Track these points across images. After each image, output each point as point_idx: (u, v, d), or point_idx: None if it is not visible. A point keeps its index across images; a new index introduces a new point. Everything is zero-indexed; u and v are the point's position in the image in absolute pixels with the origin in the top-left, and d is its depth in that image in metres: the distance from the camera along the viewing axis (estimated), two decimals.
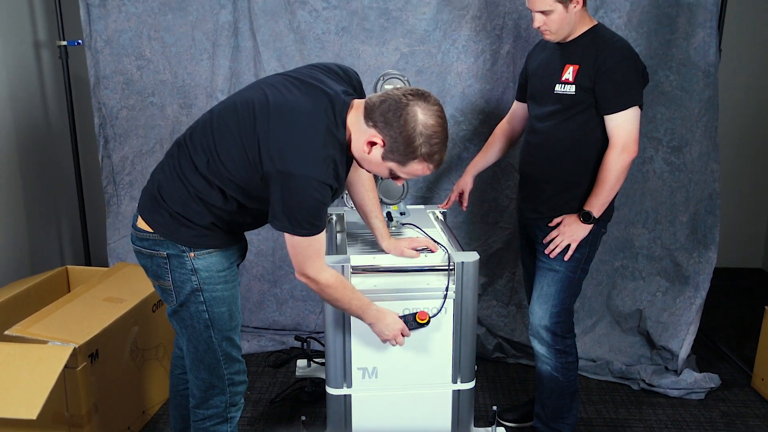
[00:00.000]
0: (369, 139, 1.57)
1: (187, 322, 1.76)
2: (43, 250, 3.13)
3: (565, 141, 2.11)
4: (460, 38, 2.77)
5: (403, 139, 1.53)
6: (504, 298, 3.04)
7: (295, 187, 1.52)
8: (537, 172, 2.20)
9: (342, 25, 2.77)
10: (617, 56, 2.01)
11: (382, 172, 1.63)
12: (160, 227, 1.69)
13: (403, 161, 1.57)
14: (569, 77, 2.06)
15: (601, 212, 2.10)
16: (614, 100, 2.01)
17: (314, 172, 1.52)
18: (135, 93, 2.86)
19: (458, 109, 2.84)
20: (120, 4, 2.75)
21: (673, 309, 2.89)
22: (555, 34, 2.05)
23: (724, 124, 3.12)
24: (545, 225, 2.17)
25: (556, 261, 2.15)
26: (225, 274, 1.75)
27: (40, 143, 3.11)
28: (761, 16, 3.48)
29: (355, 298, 1.74)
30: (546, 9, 2.00)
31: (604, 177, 2.04)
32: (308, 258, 1.62)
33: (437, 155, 1.57)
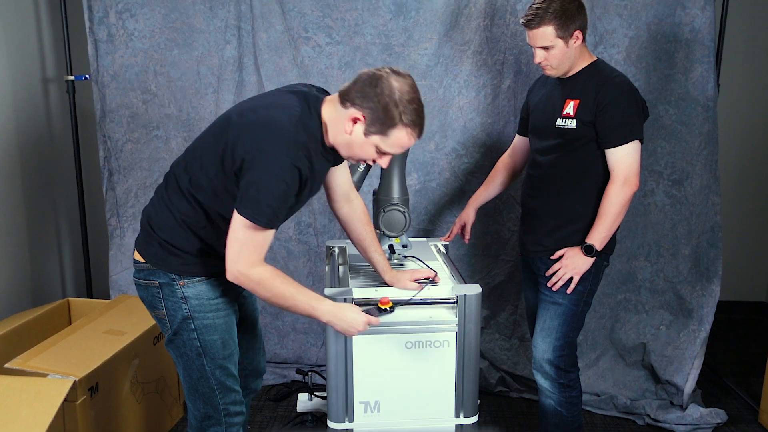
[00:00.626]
0: (350, 117, 1.59)
1: (180, 351, 1.78)
2: (45, 282, 3.13)
3: (566, 174, 2.12)
4: (462, 73, 2.81)
5: (383, 107, 1.56)
6: (507, 331, 3.03)
7: (266, 167, 1.54)
8: (539, 205, 2.21)
9: (345, 60, 2.82)
10: (617, 91, 2.04)
11: (367, 152, 1.64)
12: (151, 257, 1.74)
13: (385, 131, 1.59)
14: (570, 112, 2.08)
15: (604, 245, 2.10)
16: (615, 134, 2.03)
17: (286, 152, 1.54)
18: (140, 126, 2.89)
19: (460, 142, 2.87)
20: (127, 40, 2.80)
21: (677, 342, 2.87)
22: (556, 69, 2.08)
23: (724, 157, 3.14)
24: (547, 258, 2.17)
25: (559, 294, 2.14)
26: (216, 302, 1.76)
27: (45, 175, 3.14)
28: (758, 51, 3.53)
29: (300, 293, 1.64)
30: (547, 45, 2.03)
31: (606, 210, 2.05)
32: (247, 248, 1.58)
33: (418, 120, 1.60)
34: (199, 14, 2.78)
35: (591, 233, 2.08)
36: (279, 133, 1.57)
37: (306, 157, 1.58)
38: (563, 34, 2.02)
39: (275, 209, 1.56)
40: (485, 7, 2.73)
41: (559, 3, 2.01)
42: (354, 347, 1.84)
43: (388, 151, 1.63)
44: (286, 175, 1.55)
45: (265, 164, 1.55)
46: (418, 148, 2.84)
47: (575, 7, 2.03)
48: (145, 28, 2.79)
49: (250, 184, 1.56)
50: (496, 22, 2.75)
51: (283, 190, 1.55)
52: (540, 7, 2.02)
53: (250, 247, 1.59)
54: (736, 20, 3.32)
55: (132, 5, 2.76)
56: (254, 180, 1.55)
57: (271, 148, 1.55)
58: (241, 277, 1.61)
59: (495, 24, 2.75)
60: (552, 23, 2.00)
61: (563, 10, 2.01)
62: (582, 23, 2.06)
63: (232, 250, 1.60)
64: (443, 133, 2.86)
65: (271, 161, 1.55)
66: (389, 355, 1.87)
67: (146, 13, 2.77)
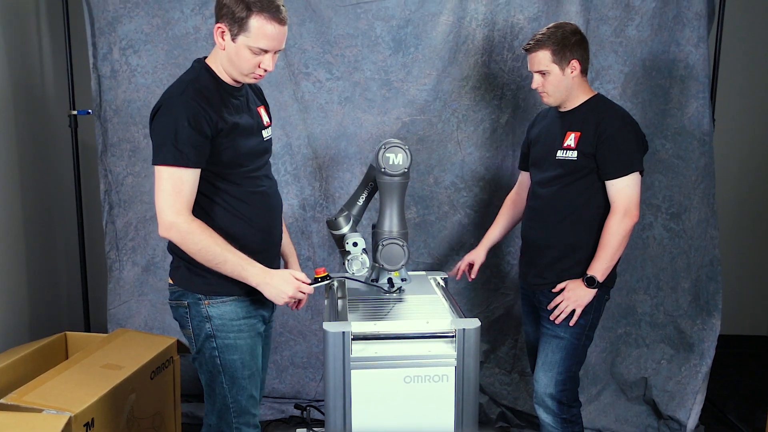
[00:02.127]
0: (216, 34, 1.72)
1: (203, 367, 1.87)
2: (42, 316, 3.11)
3: (566, 206, 2.15)
4: (460, 108, 2.84)
5: (230, 5, 1.67)
6: (507, 366, 3.00)
7: (163, 112, 1.70)
8: (539, 237, 2.23)
9: (345, 95, 2.85)
10: (618, 123, 2.09)
11: (246, 58, 1.72)
12: (179, 279, 1.84)
13: (244, 26, 1.67)
14: (571, 143, 2.12)
15: (605, 276, 2.11)
16: (615, 165, 2.07)
17: (176, 93, 1.71)
18: (141, 160, 2.91)
19: (458, 176, 2.88)
20: (130, 75, 2.84)
21: (678, 377, 2.85)
22: (552, 96, 2.15)
23: (721, 191, 3.16)
24: (549, 291, 2.17)
25: (561, 327, 2.14)
26: (239, 323, 1.83)
27: (45, 208, 3.15)
28: (753, 86, 3.58)
29: (229, 252, 1.70)
30: (543, 69, 2.11)
31: (607, 241, 2.07)
32: (168, 195, 1.66)
33: (270, 4, 1.67)
34: (201, 50, 2.82)
35: (592, 265, 2.10)
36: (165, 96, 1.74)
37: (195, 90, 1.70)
38: (559, 61, 2.10)
39: (174, 143, 1.65)
40: (483, 44, 2.78)
41: (561, 32, 2.11)
42: (353, 381, 1.83)
43: (259, 46, 1.70)
44: (181, 110, 1.67)
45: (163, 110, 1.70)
46: (416, 181, 2.86)
47: (576, 40, 2.12)
48: (147, 64, 2.83)
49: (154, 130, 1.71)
50: (494, 58, 2.79)
51: (180, 124, 1.65)
52: (543, 33, 2.13)
53: (171, 193, 1.67)
54: (730, 56, 3.37)
55: (135, 42, 2.81)
56: (156, 125, 1.71)
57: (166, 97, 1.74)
58: (171, 227, 1.67)
59: (493, 60, 2.80)
60: (549, 48, 2.09)
61: (563, 38, 2.10)
62: (581, 55, 2.13)
63: (158, 202, 1.68)
64: (442, 167, 2.88)
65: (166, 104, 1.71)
66: (388, 389, 1.85)
67: (149, 49, 2.81)
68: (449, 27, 2.78)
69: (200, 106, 1.69)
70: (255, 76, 1.78)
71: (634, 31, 2.74)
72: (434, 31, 2.78)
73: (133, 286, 2.97)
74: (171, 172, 1.67)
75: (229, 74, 1.79)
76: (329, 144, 2.88)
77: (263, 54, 1.73)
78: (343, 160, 2.89)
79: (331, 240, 2.91)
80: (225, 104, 1.77)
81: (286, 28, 1.74)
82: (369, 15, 2.77)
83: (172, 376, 2.60)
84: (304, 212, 2.90)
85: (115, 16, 2.78)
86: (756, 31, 3.51)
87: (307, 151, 2.88)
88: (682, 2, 2.72)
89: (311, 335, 3.00)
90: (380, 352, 1.85)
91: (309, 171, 2.90)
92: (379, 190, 2.17)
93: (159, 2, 2.77)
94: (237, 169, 1.79)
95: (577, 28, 2.18)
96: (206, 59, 1.83)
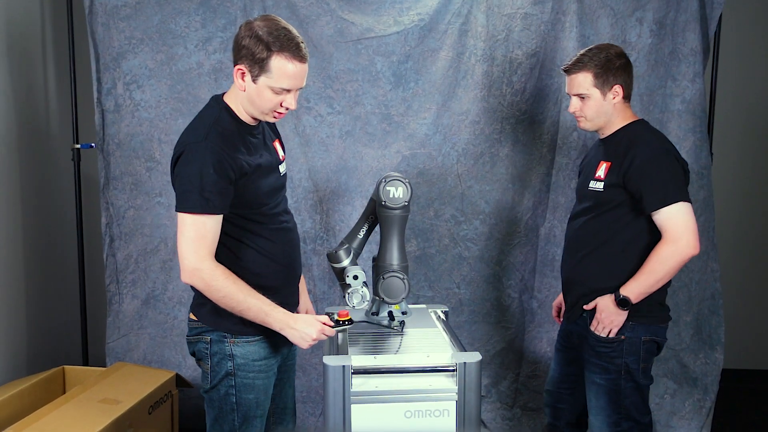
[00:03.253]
0: (236, 75, 1.69)
1: (215, 404, 1.83)
2: (41, 349, 3.09)
3: (591, 240, 2.05)
4: (460, 142, 2.87)
5: (250, 46, 1.65)
6: (509, 400, 2.97)
7: (188, 158, 1.66)
8: (567, 271, 2.15)
9: (346, 129, 2.88)
10: (647, 153, 1.94)
11: (267, 98, 1.70)
12: (204, 317, 1.81)
13: (265, 67, 1.65)
14: (601, 174, 2.02)
15: (639, 299, 1.95)
16: (653, 196, 1.92)
17: (199, 137, 1.67)
18: (143, 193, 2.93)
19: (459, 209, 2.90)
20: (134, 110, 2.87)
21: (682, 412, 2.81)
22: (590, 121, 2.03)
23: (721, 224, 3.17)
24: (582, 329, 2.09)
25: (596, 374, 2.05)
26: (261, 364, 1.82)
27: (46, 240, 3.15)
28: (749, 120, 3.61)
29: (252, 297, 1.69)
30: (583, 93, 1.99)
31: (651, 266, 1.91)
32: (192, 242, 1.64)
33: (288, 43, 1.65)
34: (204, 85, 2.86)
35: (628, 283, 1.95)
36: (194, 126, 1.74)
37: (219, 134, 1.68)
38: (601, 85, 1.98)
39: (199, 190, 1.63)
40: (482, 79, 2.82)
41: (604, 54, 1.99)
42: (353, 416, 1.81)
43: (281, 85, 1.69)
44: (206, 156, 1.64)
45: (185, 155, 1.67)
46: (417, 214, 2.87)
47: (620, 63, 2.00)
48: (151, 99, 2.87)
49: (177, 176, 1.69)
50: (493, 93, 2.83)
51: (204, 172, 1.63)
52: (585, 54, 2.01)
53: (194, 240, 1.65)
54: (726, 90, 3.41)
55: (139, 77, 2.85)
56: (179, 171, 1.68)
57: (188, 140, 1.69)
58: (194, 274, 1.66)
59: (492, 95, 2.83)
60: (591, 71, 1.98)
61: (607, 60, 1.98)
62: (624, 80, 2.00)
63: (181, 248, 1.66)
64: (442, 201, 2.90)
65: (189, 149, 1.67)
66: (388, 424, 1.83)
67: (153, 84, 2.86)
68: (449, 62, 2.82)
69: (224, 151, 1.67)
70: (276, 115, 1.78)
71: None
72: (434, 66, 2.83)
73: (133, 319, 2.96)
74: (195, 219, 1.65)
75: (249, 113, 1.78)
76: (330, 177, 2.90)
77: (285, 93, 1.72)
78: (344, 193, 2.91)
79: (331, 273, 2.91)
80: (246, 145, 1.75)
81: (306, 66, 1.73)
82: (369, 50, 2.82)
83: (170, 410, 2.58)
84: (305, 245, 2.91)
85: (120, 52, 2.83)
86: (751, 67, 3.57)
87: (308, 184, 2.90)
88: (678, 38, 2.76)
89: (311, 369, 2.98)
90: (381, 386, 1.84)
91: (310, 204, 2.91)
92: (379, 223, 2.18)
93: (163, 38, 2.82)
94: (260, 208, 1.78)
95: (623, 51, 2.04)
96: (224, 96, 1.80)
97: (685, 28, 2.75)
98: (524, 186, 2.89)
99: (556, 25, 2.78)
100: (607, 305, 1.99)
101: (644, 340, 2.02)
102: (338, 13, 2.80)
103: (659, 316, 2.05)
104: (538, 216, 2.90)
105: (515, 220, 2.91)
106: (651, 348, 2.05)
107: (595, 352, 2.06)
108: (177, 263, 2.88)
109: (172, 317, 2.94)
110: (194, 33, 2.82)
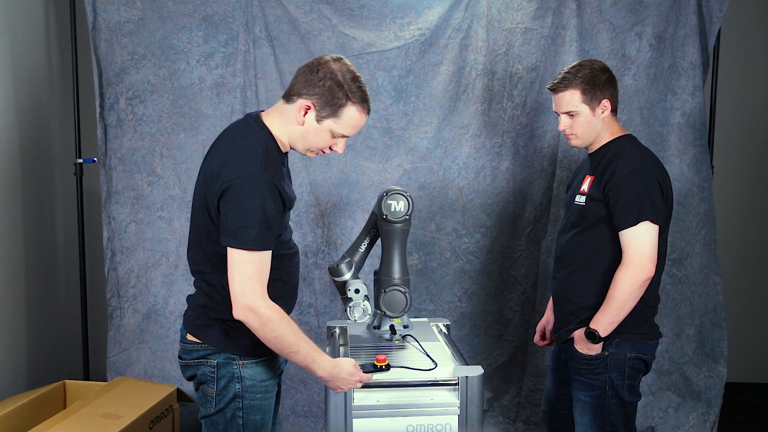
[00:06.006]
0: (300, 108, 1.65)
1: (220, 427, 1.76)
2: (41, 364, 3.09)
3: (578, 256, 2.03)
4: (461, 155, 2.88)
5: (329, 89, 1.63)
6: (511, 414, 2.95)
7: (246, 192, 1.57)
8: (555, 288, 2.13)
9: (347, 143, 2.88)
10: (628, 168, 1.93)
11: (323, 139, 1.69)
12: (210, 339, 1.73)
13: (336, 113, 1.65)
14: (585, 188, 2.01)
15: (608, 332, 1.94)
16: (623, 213, 1.91)
17: (255, 169, 1.58)
18: (144, 207, 2.94)
19: (460, 222, 2.90)
20: (136, 125, 2.89)
21: (686, 426, 2.80)
22: (580, 138, 2.02)
23: (723, 237, 3.16)
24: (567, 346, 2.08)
25: (580, 391, 2.04)
26: (267, 384, 1.77)
27: (47, 254, 3.16)
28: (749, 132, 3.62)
29: (303, 341, 1.64)
30: (572, 110, 1.98)
31: (612, 294, 1.92)
32: (249, 278, 1.58)
33: (364, 96, 1.68)
34: (206, 100, 2.88)
35: (596, 317, 1.95)
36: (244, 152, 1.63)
37: (271, 167, 1.62)
38: (589, 101, 1.97)
39: (258, 227, 1.57)
40: (483, 93, 2.83)
41: (588, 70, 1.98)
42: (354, 430, 1.80)
43: (343, 132, 1.70)
44: (264, 190, 1.58)
45: (240, 185, 1.58)
46: (418, 228, 2.88)
47: (606, 78, 1.99)
48: (153, 113, 2.88)
49: (232, 209, 1.58)
50: (494, 107, 2.84)
51: (263, 207, 1.57)
52: (569, 71, 2.00)
53: (252, 277, 1.58)
54: (726, 104, 3.42)
55: (142, 92, 2.87)
56: (234, 204, 1.58)
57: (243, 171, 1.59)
58: (249, 312, 1.59)
59: (492, 108, 2.85)
60: (579, 87, 1.97)
61: (592, 76, 1.97)
62: (611, 94, 2.00)
63: (235, 285, 1.59)
64: (443, 214, 2.90)
65: (245, 181, 1.58)
66: None
67: (155, 99, 2.87)
68: (449, 77, 2.84)
69: (278, 186, 1.62)
70: (318, 153, 1.76)
71: (631, 80, 2.80)
72: (435, 80, 2.84)
73: (134, 333, 2.96)
74: (254, 256, 1.58)
75: (292, 145, 1.73)
76: (331, 191, 2.91)
77: (340, 139, 1.73)
78: (345, 207, 2.92)
79: (333, 287, 2.91)
80: (283, 176, 1.70)
81: None
82: (371, 65, 2.84)
83: (171, 425, 2.56)
84: (306, 259, 2.91)
85: (123, 68, 2.84)
86: (750, 79, 3.58)
87: (310, 198, 2.90)
88: (677, 53, 2.78)
89: (313, 383, 2.97)
90: (382, 400, 1.83)
91: (311, 218, 2.91)
92: (381, 237, 2.18)
93: (165, 54, 2.84)
94: (280, 236, 1.73)
95: (606, 65, 2.04)
96: (264, 118, 1.72)
97: (684, 42, 2.77)
98: (525, 199, 2.90)
99: (556, 40, 2.80)
100: (580, 337, 2.00)
101: (629, 357, 1.99)
102: (339, 28, 2.82)
103: (646, 333, 2.03)
104: (539, 229, 2.90)
105: (517, 234, 2.91)
106: (637, 365, 2.02)
107: (578, 368, 2.04)
108: (178, 277, 2.91)
109: (173, 332, 2.94)
110: (196, 48, 2.84)
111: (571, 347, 2.05)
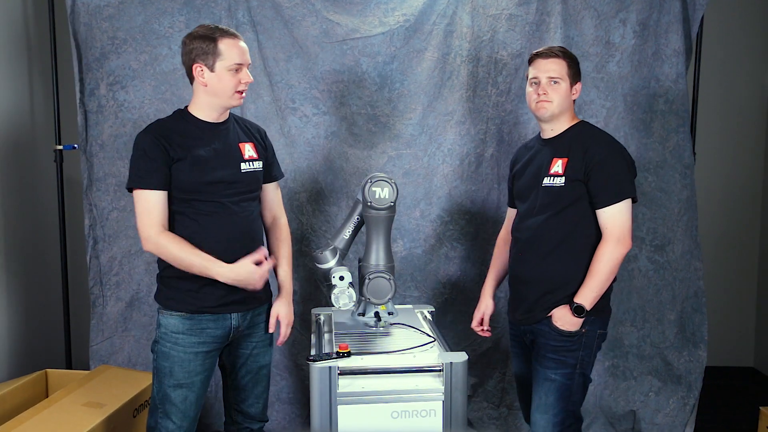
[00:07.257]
0: (196, 75, 1.98)
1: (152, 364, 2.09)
2: (23, 353, 3.06)
3: (554, 236, 2.08)
4: (446, 142, 2.87)
5: (198, 44, 1.95)
6: (495, 400, 2.98)
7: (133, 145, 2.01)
8: (527, 271, 2.15)
9: (331, 129, 2.88)
10: (607, 149, 2.05)
11: (226, 80, 1.97)
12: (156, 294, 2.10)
13: (216, 53, 1.94)
14: (558, 170, 2.06)
15: (593, 305, 2.03)
16: (606, 192, 2.02)
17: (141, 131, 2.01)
18: (126, 195, 2.89)
19: (444, 209, 2.90)
20: (117, 111, 2.85)
21: (667, 410, 2.84)
22: (553, 106, 2.08)
23: (704, 223, 3.20)
24: (539, 326, 2.11)
25: (551, 370, 2.07)
26: (176, 336, 2.01)
27: (28, 242, 3.12)
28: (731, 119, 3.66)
29: (194, 255, 1.92)
30: (556, 77, 2.08)
31: (597, 269, 2.01)
32: (140, 214, 1.95)
33: (226, 29, 1.98)
34: (188, 86, 2.79)
35: (580, 292, 2.03)
36: None
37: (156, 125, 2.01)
38: (571, 77, 2.10)
39: (135, 170, 1.95)
40: (467, 79, 2.83)
41: (572, 54, 2.15)
42: (339, 417, 1.81)
43: (235, 62, 1.96)
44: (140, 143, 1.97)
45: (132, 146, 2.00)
46: (403, 215, 2.87)
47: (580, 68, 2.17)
48: (135, 99, 2.84)
49: None
50: (479, 93, 2.84)
51: (139, 154, 1.95)
52: (556, 47, 2.14)
53: (141, 213, 1.95)
54: (708, 91, 3.45)
55: (123, 78, 2.82)
56: None
57: None
58: (145, 242, 1.94)
59: (477, 95, 2.84)
60: (566, 61, 2.10)
61: (576, 60, 2.14)
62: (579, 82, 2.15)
63: (137, 223, 1.96)
64: (428, 201, 2.90)
65: None
66: (375, 425, 1.83)
67: (137, 85, 2.83)
68: (434, 63, 2.82)
69: (161, 139, 1.95)
70: (240, 96, 2.01)
71: (615, 67, 2.81)
72: (419, 67, 2.83)
73: (117, 321, 2.93)
74: (139, 194, 1.95)
75: (214, 108, 2.03)
76: (316, 178, 2.90)
77: (240, 70, 1.98)
78: (330, 194, 2.91)
79: (317, 274, 2.91)
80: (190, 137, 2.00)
81: (245, 43, 2.01)
82: (355, 51, 2.82)
83: None
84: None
85: (103, 53, 2.80)
86: (732, 67, 3.61)
87: (294, 185, 2.89)
88: (661, 40, 2.79)
89: (297, 370, 2.97)
90: (367, 387, 1.84)
91: (295, 205, 2.90)
92: (365, 224, 2.18)
93: (147, 39, 2.80)
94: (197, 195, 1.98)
95: None
96: (187, 108, 2.07)
97: (668, 29, 2.78)
98: None
99: (540, 26, 2.80)
100: (564, 315, 2.04)
101: (600, 333, 2.11)
102: (323, 13, 2.80)
103: (606, 310, 2.14)
104: None
105: (501, 220, 2.92)
106: (601, 341, 2.15)
107: (554, 346, 2.08)
108: None
109: (156, 319, 2.91)
110: (178, 33, 2.80)
111: (546, 326, 2.09)
